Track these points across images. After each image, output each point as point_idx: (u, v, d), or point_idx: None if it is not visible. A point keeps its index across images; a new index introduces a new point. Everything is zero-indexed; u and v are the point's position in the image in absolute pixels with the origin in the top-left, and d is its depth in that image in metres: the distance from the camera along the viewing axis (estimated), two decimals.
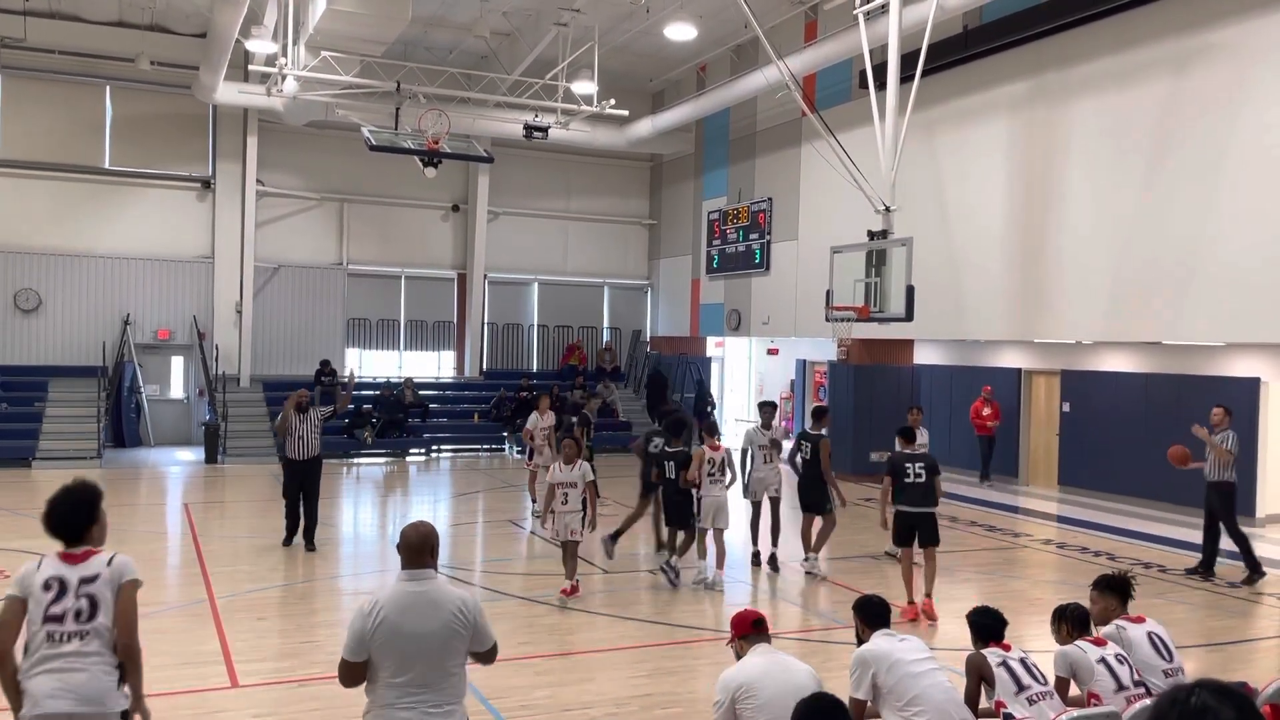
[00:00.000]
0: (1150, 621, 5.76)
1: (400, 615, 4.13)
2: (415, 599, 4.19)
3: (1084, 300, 14.58)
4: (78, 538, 4.43)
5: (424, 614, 4.15)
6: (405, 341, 24.97)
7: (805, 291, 19.79)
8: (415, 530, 4.36)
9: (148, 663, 4.47)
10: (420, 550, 4.30)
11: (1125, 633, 5.62)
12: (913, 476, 9.70)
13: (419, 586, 4.23)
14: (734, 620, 5.10)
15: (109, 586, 4.32)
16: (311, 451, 11.91)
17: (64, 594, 4.25)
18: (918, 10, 14.20)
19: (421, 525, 4.42)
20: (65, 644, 4.22)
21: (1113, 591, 5.87)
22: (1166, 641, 5.64)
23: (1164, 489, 15.61)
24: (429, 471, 20.14)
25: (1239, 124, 12.62)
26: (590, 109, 19.80)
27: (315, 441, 11.93)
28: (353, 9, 14.78)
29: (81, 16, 20.66)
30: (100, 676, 4.28)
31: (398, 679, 4.10)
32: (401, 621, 4.12)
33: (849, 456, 19.01)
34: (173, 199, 22.50)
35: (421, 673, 4.12)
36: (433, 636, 4.14)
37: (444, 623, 4.16)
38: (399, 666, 4.10)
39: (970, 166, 16.50)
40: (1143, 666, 5.44)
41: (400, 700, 4.09)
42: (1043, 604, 9.91)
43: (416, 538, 4.32)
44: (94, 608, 4.28)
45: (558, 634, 8.81)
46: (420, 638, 4.12)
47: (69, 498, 4.47)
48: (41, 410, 19.83)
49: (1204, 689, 1.97)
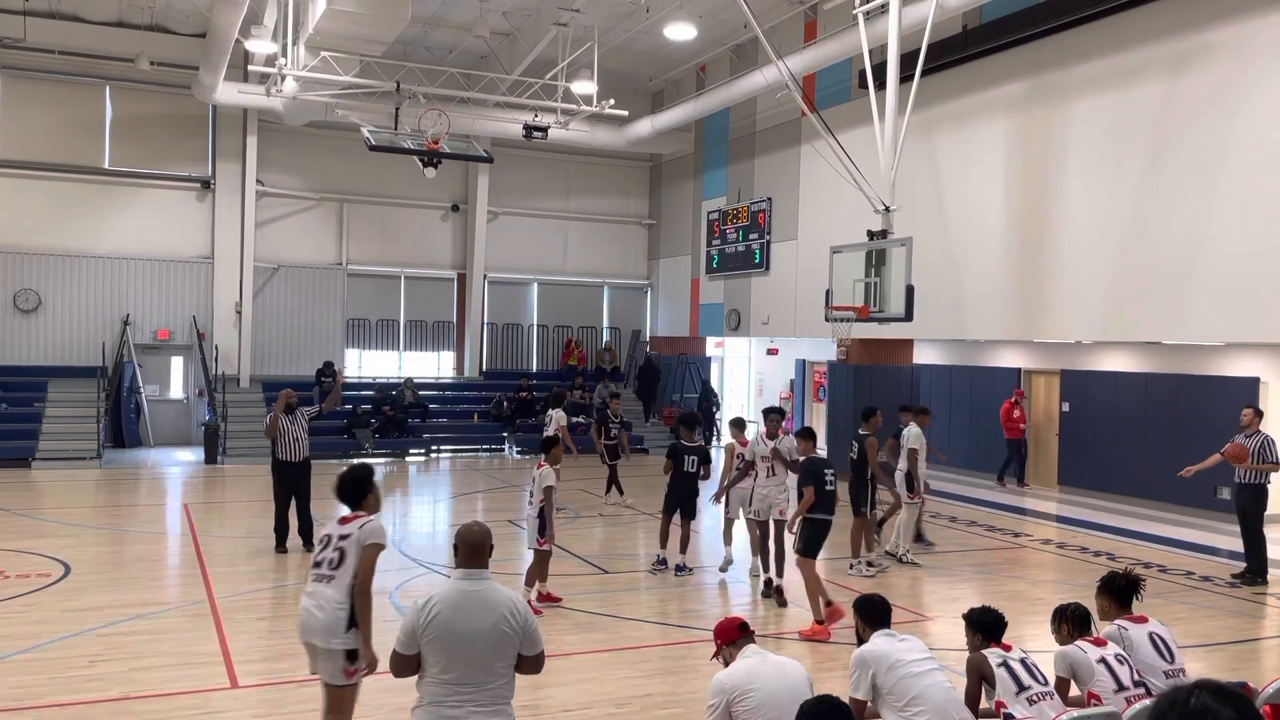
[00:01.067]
0: (1153, 622, 5.73)
1: (453, 613, 4.21)
2: (469, 598, 4.27)
3: (1083, 300, 14.58)
4: (354, 505, 5.54)
5: (476, 613, 4.22)
6: (405, 342, 24.97)
7: (805, 291, 19.78)
8: (475, 530, 4.46)
9: (147, 662, 4.47)
10: (480, 550, 4.42)
11: (1127, 633, 5.60)
12: (830, 484, 9.27)
13: (474, 586, 4.31)
14: (717, 630, 5.05)
15: (356, 545, 5.29)
16: (303, 453, 11.70)
17: (327, 546, 5.37)
18: (917, 10, 14.20)
19: (480, 526, 4.50)
20: (317, 584, 5.30)
21: (1110, 593, 5.86)
22: (1168, 642, 5.62)
23: (1164, 489, 15.62)
24: (429, 472, 20.14)
25: (1238, 123, 12.62)
26: (590, 109, 19.79)
27: (306, 442, 11.74)
28: (353, 9, 14.77)
29: (81, 16, 20.65)
30: (334, 615, 5.20)
31: (446, 675, 4.18)
32: (454, 619, 4.20)
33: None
34: (172, 199, 22.49)
35: (470, 671, 4.18)
36: (483, 636, 4.20)
37: (494, 624, 4.22)
38: (448, 663, 4.18)
39: (970, 166, 16.50)
40: (1144, 668, 5.42)
41: (448, 698, 4.17)
42: (1043, 604, 9.92)
43: (477, 537, 4.44)
44: (341, 559, 5.27)
45: (558, 634, 8.80)
46: (471, 636, 4.19)
47: (349, 474, 5.65)
48: (41, 410, 19.83)
49: (1203, 690, 1.96)
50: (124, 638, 8.31)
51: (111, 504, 15.76)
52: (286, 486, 11.69)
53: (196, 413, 22.30)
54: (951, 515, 15.09)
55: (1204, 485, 14.48)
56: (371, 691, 7.14)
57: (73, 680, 7.26)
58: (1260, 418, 11.41)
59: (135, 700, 6.90)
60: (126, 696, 6.95)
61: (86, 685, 7.17)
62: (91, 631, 8.46)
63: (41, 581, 10.04)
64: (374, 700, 6.95)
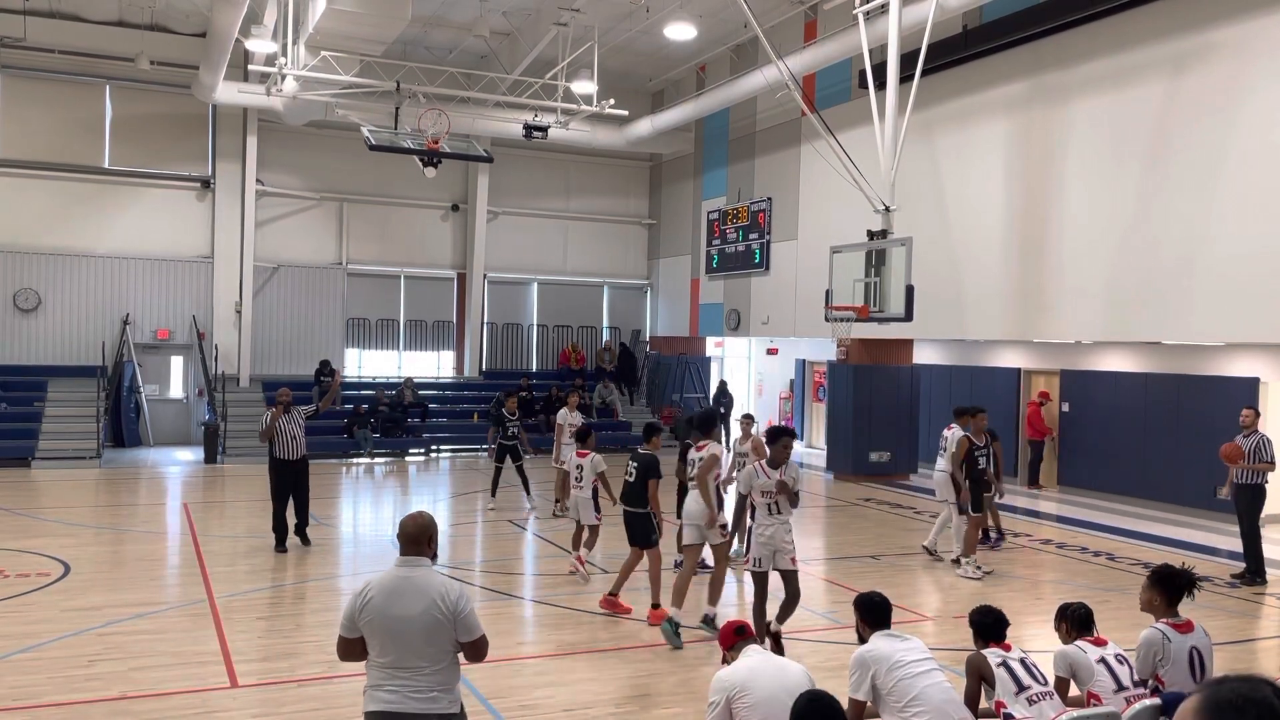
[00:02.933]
0: (1198, 630, 5.43)
1: (385, 598, 4.32)
2: (402, 584, 4.35)
3: (1083, 300, 14.57)
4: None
5: (407, 599, 4.31)
6: (405, 341, 24.97)
7: (805, 291, 19.78)
8: (413, 520, 4.53)
9: (146, 662, 4.49)
10: (416, 539, 4.46)
11: (1169, 646, 5.31)
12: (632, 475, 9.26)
13: (408, 572, 4.39)
14: (720, 638, 5.24)
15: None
16: (300, 451, 11.81)
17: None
18: (917, 10, 14.20)
19: (420, 516, 4.57)
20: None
21: (1161, 586, 5.50)
22: (1204, 660, 5.34)
23: (1164, 489, 15.64)
24: (428, 471, 20.14)
25: (1238, 123, 12.61)
26: (590, 109, 19.79)
27: (303, 441, 11.84)
28: (353, 9, 14.76)
29: (81, 16, 20.65)
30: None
31: (382, 659, 4.32)
32: (386, 604, 4.31)
33: (849, 456, 19.03)
34: (172, 199, 22.49)
35: (404, 655, 4.29)
36: (414, 621, 4.28)
37: (424, 609, 4.29)
38: (383, 647, 4.32)
39: (970, 166, 16.50)
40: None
41: (385, 681, 4.30)
42: (1043, 604, 9.92)
43: (414, 527, 4.49)
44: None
45: (558, 634, 8.80)
46: (402, 621, 4.28)
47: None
48: (41, 410, 19.83)
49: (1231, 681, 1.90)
50: (123, 637, 8.31)
51: (111, 503, 15.76)
52: (284, 484, 11.78)
53: (196, 412, 22.30)
54: None
55: (1204, 485, 14.49)
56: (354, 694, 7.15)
57: (72, 680, 7.26)
58: (1260, 418, 11.43)
59: (134, 700, 6.89)
60: (125, 696, 6.95)
61: (86, 685, 7.17)
62: (91, 631, 8.46)
63: (41, 581, 10.03)
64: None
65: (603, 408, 23.96)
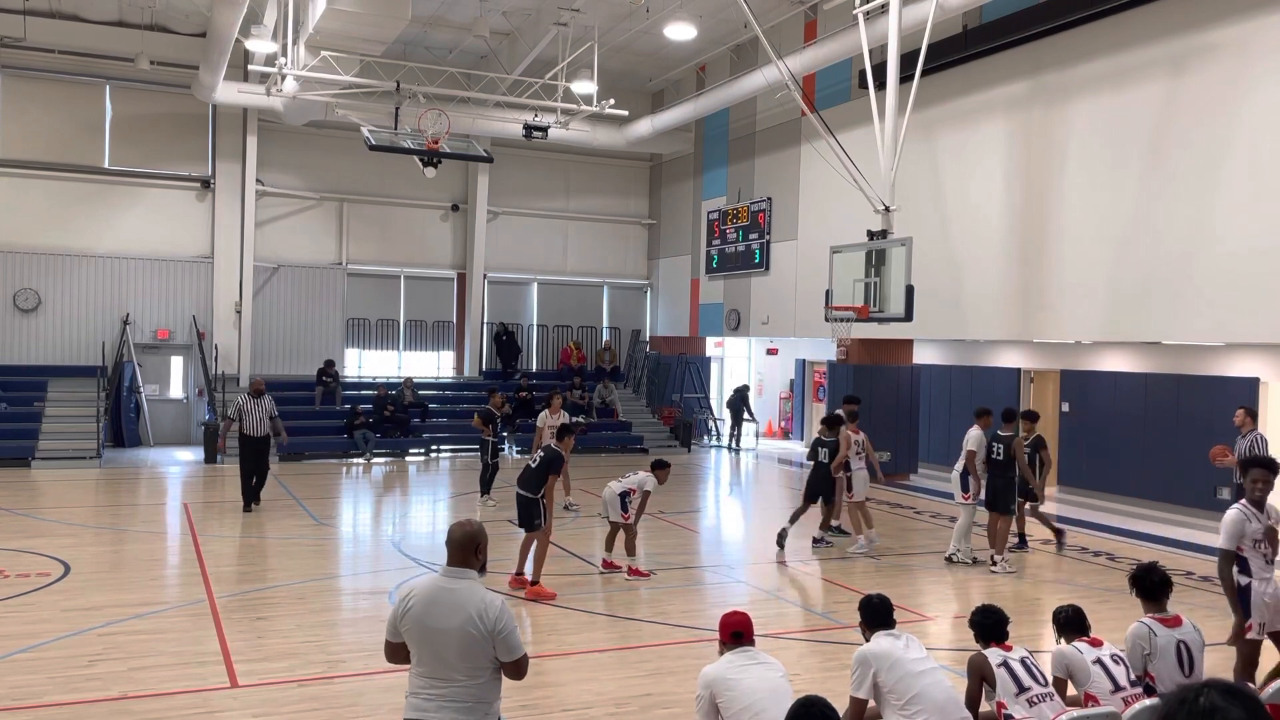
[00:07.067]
0: (1186, 625, 5.54)
1: (425, 608, 4.25)
2: (442, 594, 4.27)
3: (1083, 300, 14.58)
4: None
5: (445, 611, 4.22)
6: (405, 341, 24.97)
7: (805, 291, 19.79)
8: (461, 528, 4.39)
9: (146, 662, 4.47)
10: (463, 547, 4.34)
11: (1155, 639, 5.44)
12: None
13: (450, 584, 4.29)
14: (719, 626, 5.18)
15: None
16: (263, 431, 14.26)
17: None
18: (917, 10, 14.20)
19: (468, 524, 4.42)
20: None
21: (1133, 585, 5.76)
22: (1193, 654, 5.44)
23: (1164, 489, 15.64)
24: (428, 471, 20.13)
25: (1237, 124, 12.62)
26: (590, 109, 19.79)
27: (267, 424, 14.30)
28: (353, 9, 14.77)
29: (81, 16, 20.65)
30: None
31: (420, 668, 4.27)
32: (425, 614, 4.23)
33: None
34: (172, 199, 22.49)
35: (439, 667, 4.21)
36: (449, 635, 4.19)
37: (461, 624, 4.18)
38: (419, 656, 4.27)
39: (970, 166, 16.50)
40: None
41: (422, 690, 4.25)
42: (1043, 604, 9.92)
43: (461, 535, 4.36)
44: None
45: (558, 634, 8.80)
46: (437, 633, 4.21)
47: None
48: (41, 410, 19.82)
49: (1213, 689, 1.93)
50: (123, 637, 8.30)
51: (111, 503, 15.76)
52: (248, 457, 14.23)
53: (196, 412, 22.30)
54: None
55: (1204, 485, 14.50)
56: (371, 691, 7.16)
57: (72, 680, 7.26)
58: (1254, 419, 11.47)
59: (134, 700, 6.89)
60: (126, 696, 6.95)
61: (86, 684, 7.16)
62: (91, 631, 8.45)
63: (41, 581, 10.03)
64: (374, 700, 6.96)
65: (603, 407, 23.95)
